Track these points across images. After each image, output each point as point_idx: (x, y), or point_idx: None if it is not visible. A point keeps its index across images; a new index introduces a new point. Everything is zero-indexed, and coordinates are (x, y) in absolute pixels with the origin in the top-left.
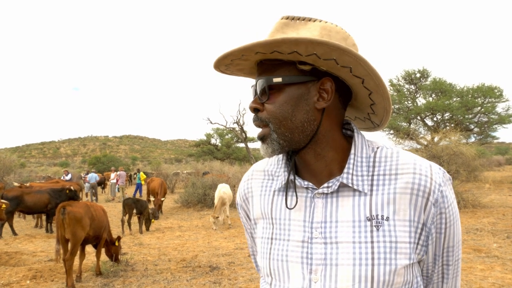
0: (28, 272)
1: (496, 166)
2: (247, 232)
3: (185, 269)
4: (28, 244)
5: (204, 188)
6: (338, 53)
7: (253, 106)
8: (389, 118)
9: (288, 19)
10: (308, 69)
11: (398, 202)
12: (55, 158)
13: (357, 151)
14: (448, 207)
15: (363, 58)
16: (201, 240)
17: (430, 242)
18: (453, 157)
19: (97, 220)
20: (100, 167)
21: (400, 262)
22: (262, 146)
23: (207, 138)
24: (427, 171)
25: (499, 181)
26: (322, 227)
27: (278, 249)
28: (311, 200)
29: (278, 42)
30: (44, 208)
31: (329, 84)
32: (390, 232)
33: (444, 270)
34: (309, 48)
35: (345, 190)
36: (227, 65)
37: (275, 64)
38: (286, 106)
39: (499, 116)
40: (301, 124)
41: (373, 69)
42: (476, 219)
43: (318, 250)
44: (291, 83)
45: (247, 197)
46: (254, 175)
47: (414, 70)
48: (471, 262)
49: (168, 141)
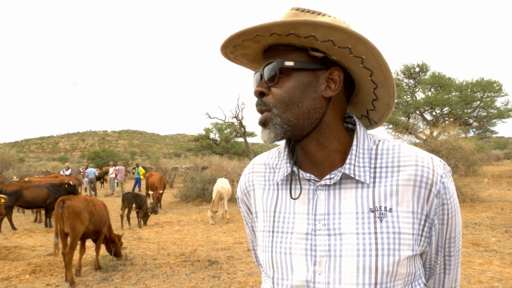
0: (27, 267)
1: (495, 160)
2: (247, 226)
3: (184, 263)
4: (27, 239)
5: (203, 183)
6: (354, 41)
7: (259, 90)
8: (389, 115)
9: (298, 10)
10: (320, 56)
11: (401, 194)
12: (54, 153)
13: (359, 142)
14: (450, 198)
15: (377, 50)
16: (200, 234)
17: (434, 234)
18: (452, 151)
19: (96, 214)
20: (99, 162)
21: (403, 253)
22: (264, 131)
23: (206, 133)
24: (429, 163)
25: (498, 175)
26: (326, 219)
27: (281, 242)
28: (314, 193)
29: (299, 23)
30: (43, 202)
31: (337, 73)
32: (393, 223)
33: (446, 261)
34: (327, 34)
35: (347, 182)
36: (236, 46)
37: (286, 49)
38: (295, 91)
39: (498, 110)
40: (307, 110)
41: (385, 62)
42: (475, 213)
43: (322, 242)
44: (301, 69)
45: (248, 191)
46: (255, 168)
47: (413, 64)
48: (470, 256)
49: (167, 136)
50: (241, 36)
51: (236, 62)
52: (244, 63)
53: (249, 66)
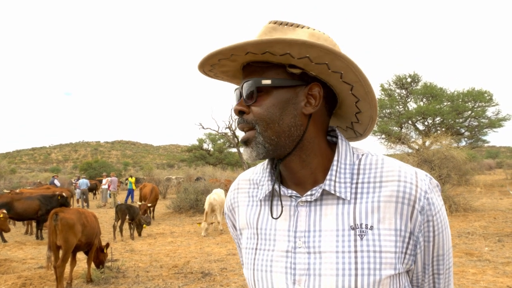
0: (18, 280)
1: (487, 169)
2: (236, 242)
3: (177, 275)
4: (18, 251)
5: (196, 194)
6: (331, 57)
7: (238, 109)
8: (373, 128)
9: (276, 24)
10: (298, 72)
11: (383, 211)
12: (46, 164)
13: (340, 158)
14: (436, 215)
15: (355, 64)
16: (193, 246)
17: (419, 251)
18: (444, 161)
19: (89, 226)
20: (91, 173)
21: (384, 272)
22: (246, 150)
23: (199, 143)
24: (412, 178)
25: (490, 184)
26: (306, 236)
27: (262, 259)
28: (295, 209)
29: (272, 42)
30: (34, 214)
31: (317, 89)
32: (374, 241)
33: (435, 279)
34: (302, 51)
35: (329, 198)
36: (213, 65)
37: (263, 66)
38: (274, 109)
39: (489, 120)
40: (288, 128)
41: (364, 76)
42: (468, 223)
43: (302, 260)
44: (280, 86)
45: (233, 207)
46: (240, 184)
47: (405, 74)
48: (463, 266)
49: (160, 147)
50: (216, 56)
51: (217, 79)
52: (225, 79)
53: (230, 81)
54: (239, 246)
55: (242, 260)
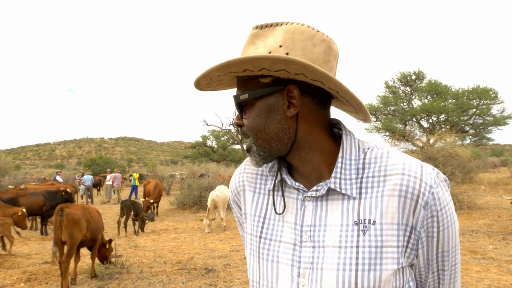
0: (22, 275)
1: (491, 167)
2: (240, 227)
3: (180, 271)
4: (22, 247)
5: (200, 190)
6: (284, 64)
7: (236, 123)
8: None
9: (257, 29)
10: (269, 81)
11: (386, 205)
12: (50, 160)
13: (345, 153)
14: (441, 210)
15: (307, 64)
16: (197, 242)
17: (420, 246)
18: (448, 158)
19: (93, 222)
20: (95, 169)
21: (386, 267)
22: (249, 157)
23: (203, 140)
24: (417, 172)
25: (495, 182)
26: (311, 230)
27: (269, 249)
28: (302, 203)
29: (246, 61)
30: (39, 210)
31: (294, 91)
32: (376, 236)
33: (440, 276)
34: (274, 65)
35: (334, 194)
36: (209, 82)
37: (244, 79)
38: (258, 119)
39: (494, 118)
40: (275, 134)
41: (322, 72)
42: (472, 221)
43: (307, 254)
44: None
45: (238, 191)
46: (247, 169)
47: (409, 72)
48: (467, 264)
49: (164, 143)
50: (204, 78)
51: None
52: (225, 88)
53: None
54: (240, 225)
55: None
